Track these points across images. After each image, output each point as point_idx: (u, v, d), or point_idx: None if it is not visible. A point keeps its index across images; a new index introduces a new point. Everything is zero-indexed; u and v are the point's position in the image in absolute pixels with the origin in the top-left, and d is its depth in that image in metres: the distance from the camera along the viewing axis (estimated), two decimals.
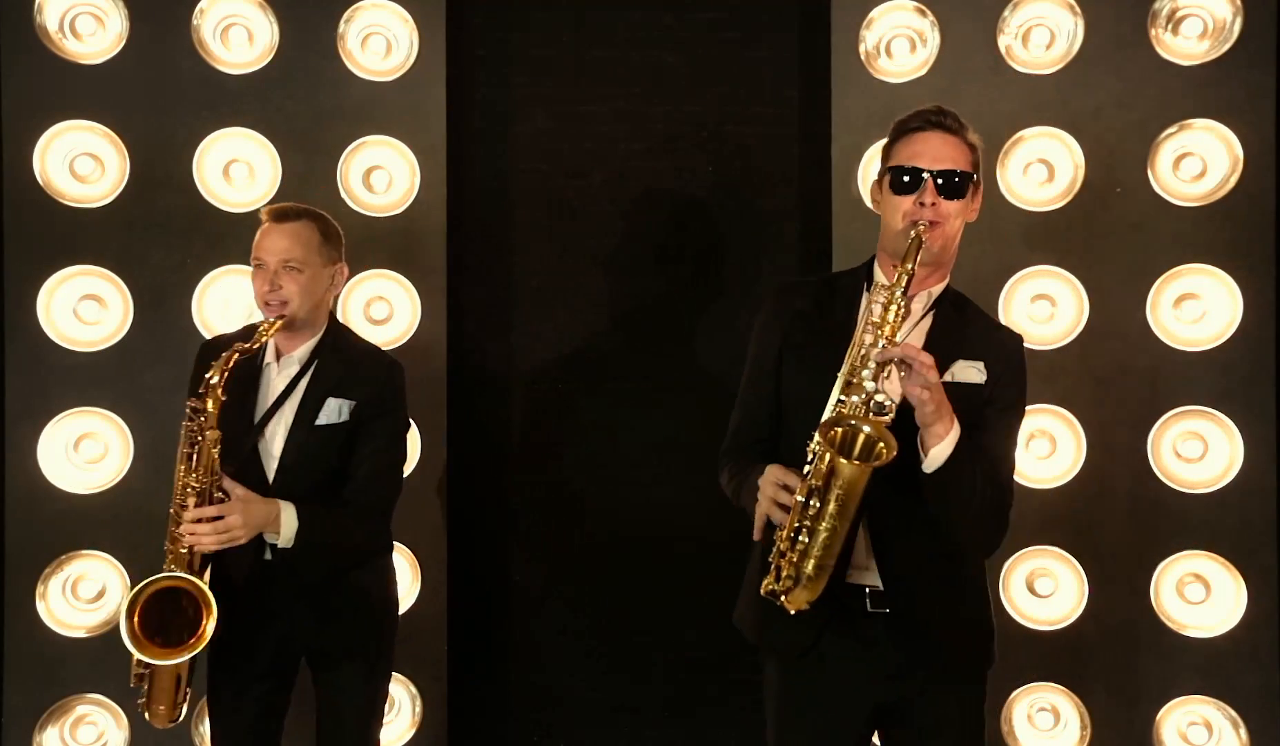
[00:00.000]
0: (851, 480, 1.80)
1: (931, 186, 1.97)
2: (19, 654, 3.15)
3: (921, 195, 1.97)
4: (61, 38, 3.13)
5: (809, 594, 1.88)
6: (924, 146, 2.00)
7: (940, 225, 1.97)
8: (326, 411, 2.39)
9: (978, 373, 2.00)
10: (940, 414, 1.86)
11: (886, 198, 2.03)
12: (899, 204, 1.99)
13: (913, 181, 1.98)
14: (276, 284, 2.37)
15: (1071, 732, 3.09)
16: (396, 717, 3.18)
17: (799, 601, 1.89)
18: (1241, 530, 3.04)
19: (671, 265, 3.37)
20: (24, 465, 3.12)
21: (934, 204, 1.97)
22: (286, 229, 2.41)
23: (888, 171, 2.02)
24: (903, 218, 1.98)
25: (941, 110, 2.03)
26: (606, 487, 3.37)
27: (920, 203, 1.97)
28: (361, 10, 3.15)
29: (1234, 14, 3.01)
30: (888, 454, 1.79)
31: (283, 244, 2.39)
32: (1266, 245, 3.04)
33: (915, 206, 1.97)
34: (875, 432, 1.82)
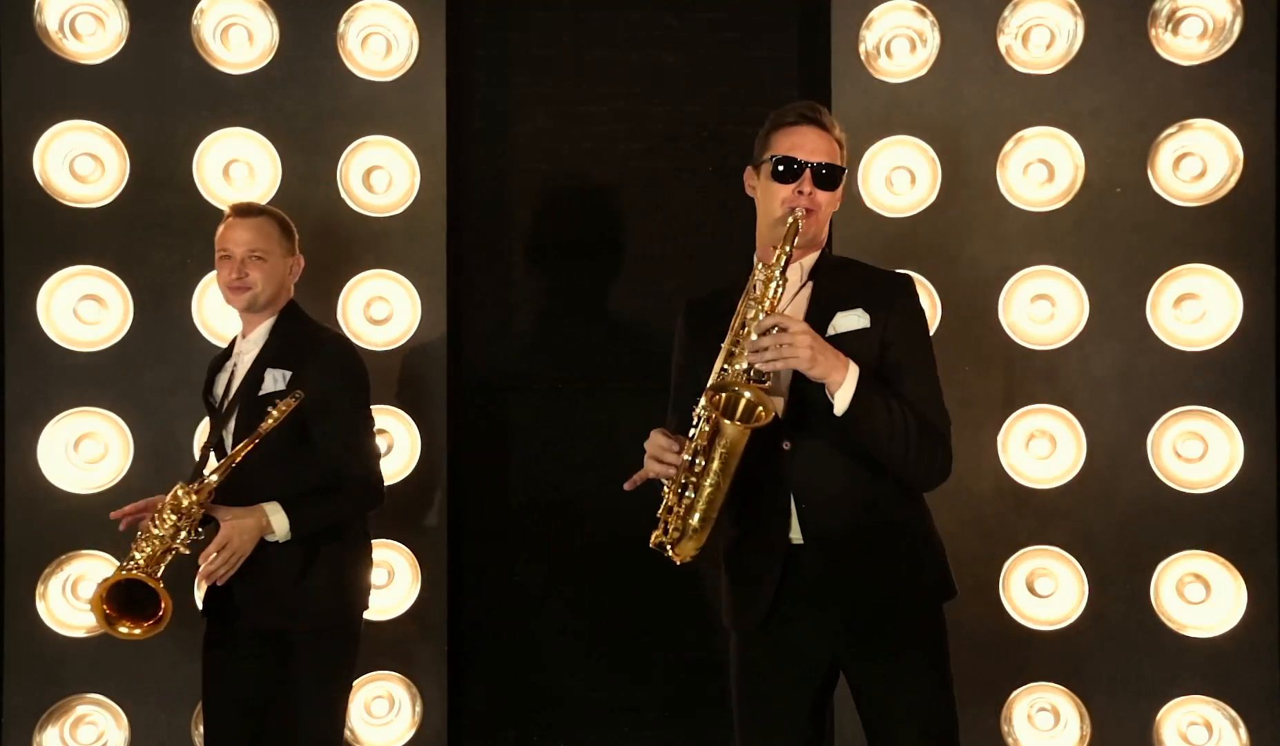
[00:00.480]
0: (734, 440, 1.97)
1: (809, 177, 2.12)
2: (19, 654, 3.15)
3: (800, 184, 2.11)
4: (61, 38, 3.13)
5: (694, 544, 2.05)
6: (802, 140, 2.14)
7: (814, 213, 2.12)
8: (266, 382, 2.52)
9: (858, 318, 2.12)
10: (828, 366, 1.98)
11: (766, 186, 2.17)
12: (778, 192, 2.13)
13: (793, 171, 2.12)
14: (244, 271, 2.55)
15: (1071, 732, 3.09)
16: (396, 717, 3.19)
17: (686, 552, 2.06)
18: (1241, 530, 3.04)
19: (671, 265, 3.37)
20: (24, 465, 3.12)
21: (811, 193, 2.11)
22: (250, 223, 2.59)
23: (767, 161, 2.15)
24: (781, 204, 2.12)
25: (816, 107, 2.19)
26: (606, 487, 3.36)
27: (799, 191, 2.11)
28: (361, 10, 3.15)
29: (1234, 14, 3.02)
30: (766, 416, 1.95)
31: (247, 236, 2.57)
32: (1266, 245, 3.04)
33: (794, 194, 2.11)
34: (755, 397, 1.97)
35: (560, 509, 3.38)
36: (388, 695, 3.18)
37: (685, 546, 2.05)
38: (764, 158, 2.17)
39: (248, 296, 2.57)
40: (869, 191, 3.12)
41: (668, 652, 3.37)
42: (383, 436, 3.11)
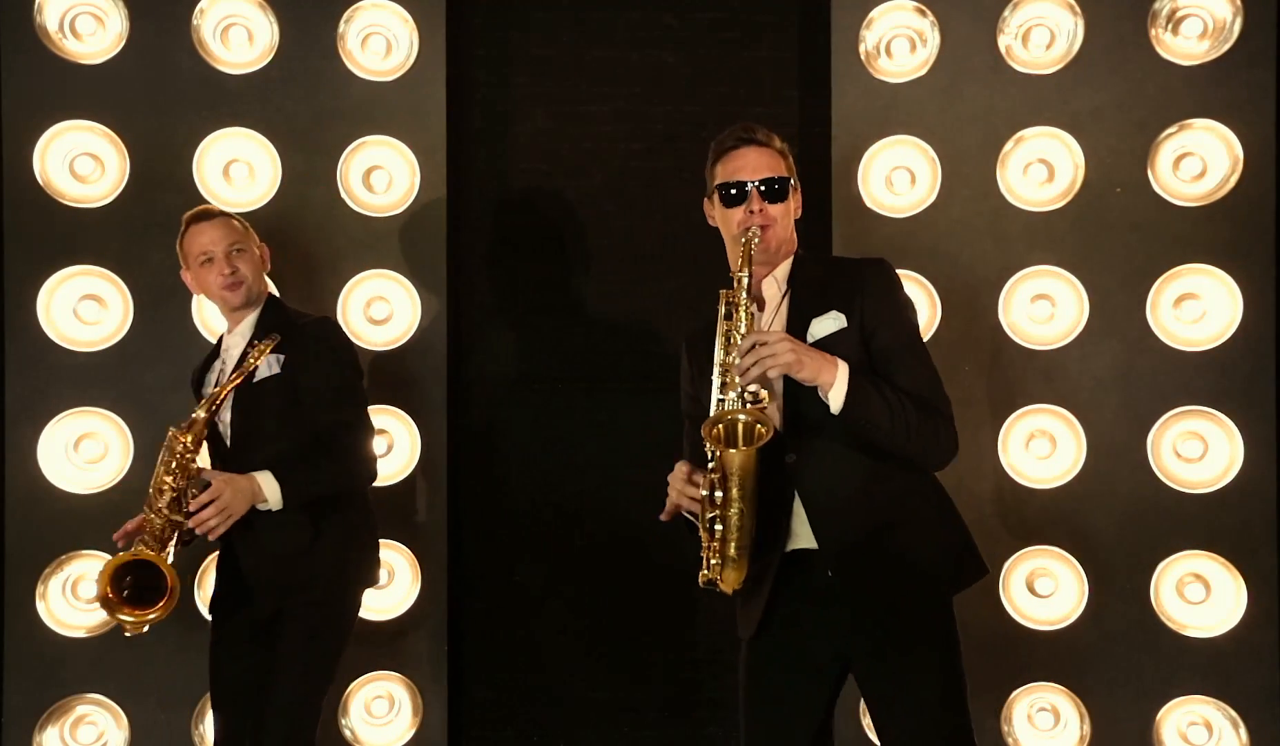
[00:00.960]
0: (742, 465, 2.01)
1: (756, 195, 2.19)
2: (19, 654, 3.15)
3: (749, 204, 2.19)
4: (61, 38, 3.13)
5: (738, 573, 2.07)
6: (743, 161, 2.22)
7: (770, 227, 2.18)
8: (261, 367, 2.54)
9: (834, 321, 2.15)
10: (816, 368, 2.01)
11: (720, 213, 2.26)
12: (731, 216, 2.21)
13: (739, 194, 2.20)
14: (233, 266, 2.59)
15: (1071, 732, 3.09)
16: (396, 717, 3.19)
17: (731, 582, 2.08)
18: (1241, 530, 3.04)
19: (671, 265, 3.37)
20: (24, 465, 3.12)
21: (761, 210, 2.18)
22: (217, 222, 2.63)
23: (716, 189, 2.24)
24: (737, 226, 2.19)
25: (750, 127, 2.26)
26: (606, 487, 3.37)
27: (749, 211, 2.18)
28: (361, 10, 3.15)
29: (1234, 14, 3.01)
30: (766, 432, 1.99)
31: (220, 233, 2.61)
32: (1266, 245, 3.04)
33: (746, 215, 2.18)
34: (750, 418, 2.01)
35: (560, 509, 3.38)
36: (388, 695, 3.18)
37: (729, 576, 2.07)
38: (713, 187, 2.26)
39: (243, 290, 2.60)
40: (869, 191, 3.12)
41: (668, 652, 3.37)
42: (382, 436, 3.11)
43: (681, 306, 3.37)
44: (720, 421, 2.03)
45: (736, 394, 2.05)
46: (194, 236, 2.62)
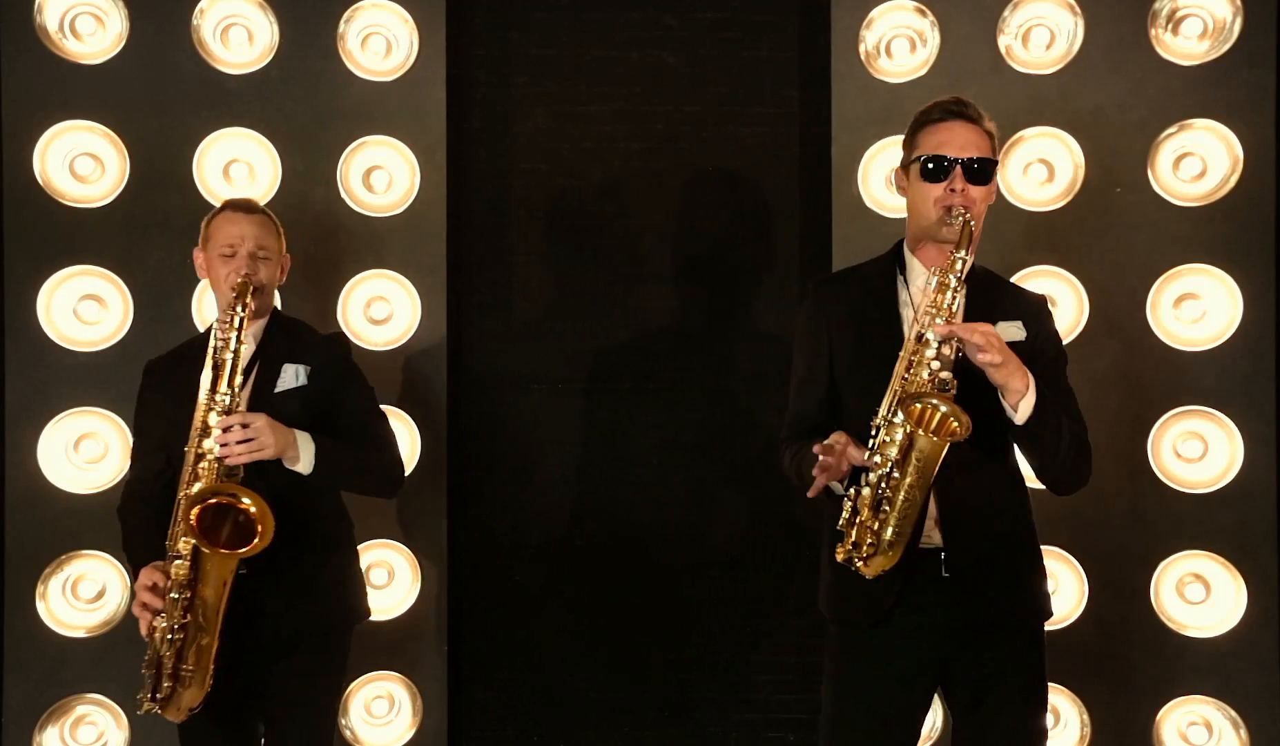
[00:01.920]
0: (931, 454, 1.92)
1: (960, 173, 2.07)
2: (19, 654, 3.15)
3: (951, 182, 2.07)
4: (61, 38, 3.13)
5: (886, 561, 1.99)
6: (950, 135, 2.10)
7: (970, 210, 2.06)
8: (284, 378, 2.44)
9: (1018, 330, 2.12)
10: (1013, 372, 1.97)
11: (916, 186, 2.12)
12: (929, 191, 2.09)
13: (943, 169, 2.07)
14: (253, 268, 2.43)
15: (1071, 732, 3.09)
16: (396, 717, 3.19)
17: (877, 567, 2.00)
18: (1241, 530, 3.04)
19: (671, 265, 3.37)
20: (24, 465, 3.12)
21: (964, 190, 2.07)
22: (256, 220, 2.48)
23: (916, 160, 2.11)
24: (934, 205, 2.07)
25: (962, 101, 2.15)
26: (606, 487, 3.37)
27: (950, 189, 2.06)
28: (361, 10, 3.15)
29: (1234, 14, 3.01)
30: (963, 431, 1.90)
31: (254, 232, 2.46)
32: (1266, 245, 3.04)
33: (947, 192, 2.06)
34: (951, 410, 1.92)
35: (560, 509, 3.38)
36: (388, 695, 3.18)
37: (877, 562, 2.00)
38: (912, 157, 2.14)
39: (256, 298, 2.43)
40: (869, 191, 3.12)
41: (668, 653, 3.37)
42: None
43: (682, 306, 3.37)
44: (920, 400, 1.94)
45: (926, 376, 1.96)
46: (226, 223, 2.46)
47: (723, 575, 3.35)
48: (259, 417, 2.29)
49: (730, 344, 3.34)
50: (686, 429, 3.36)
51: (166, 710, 2.35)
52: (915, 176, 2.12)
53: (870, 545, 1.98)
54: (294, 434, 2.34)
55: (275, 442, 2.29)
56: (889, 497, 1.95)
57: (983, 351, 1.93)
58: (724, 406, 3.34)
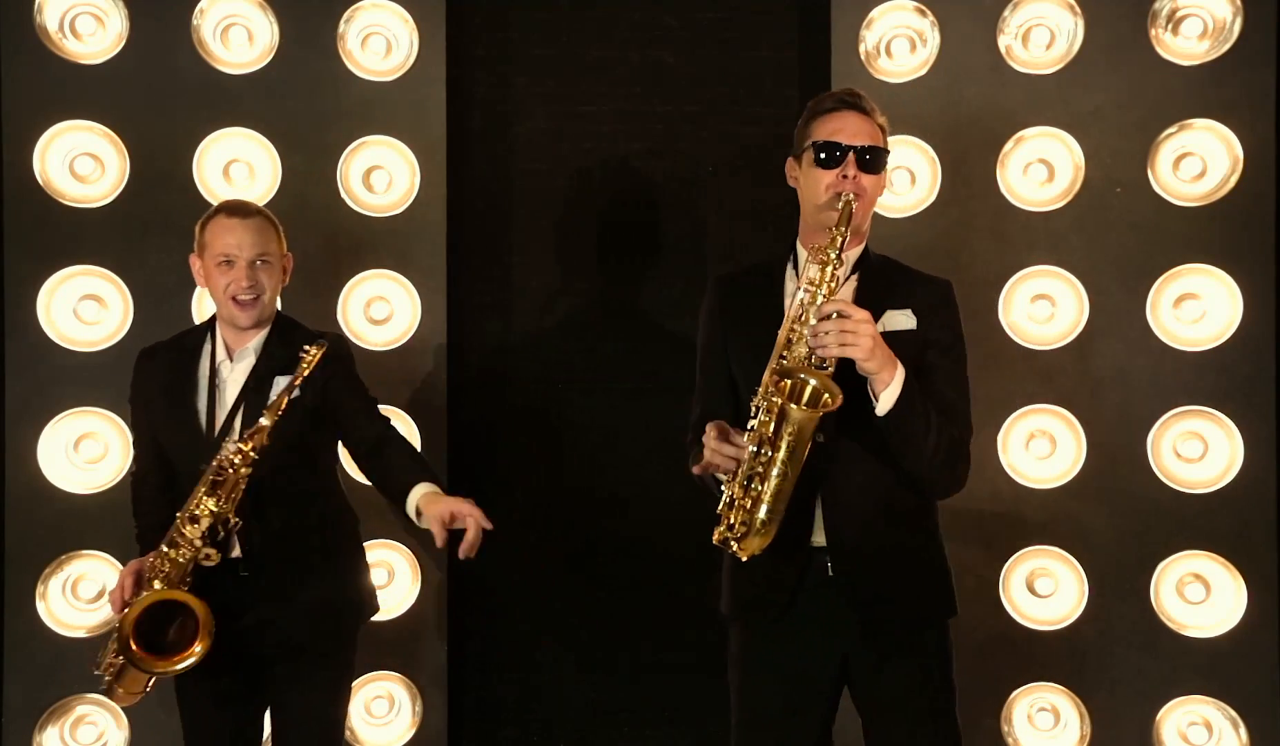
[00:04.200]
0: (802, 425, 1.91)
1: (853, 161, 2.09)
2: (19, 654, 3.15)
3: (844, 168, 2.08)
4: (61, 38, 3.13)
5: (761, 540, 1.98)
6: (843, 124, 2.11)
7: (861, 197, 2.08)
8: (275, 390, 2.35)
9: (906, 319, 2.11)
10: (882, 361, 1.96)
11: (809, 173, 2.14)
12: (821, 177, 2.11)
13: (835, 156, 2.09)
14: (254, 279, 2.36)
15: (1071, 732, 3.09)
16: (396, 717, 3.19)
17: (751, 548, 1.99)
18: (1241, 530, 3.04)
19: (671, 265, 3.37)
20: (24, 465, 3.12)
21: (855, 177, 2.08)
22: (253, 225, 2.39)
23: (810, 147, 2.13)
24: (825, 190, 2.09)
25: (855, 92, 2.17)
26: (606, 487, 3.37)
27: (843, 175, 2.08)
28: (361, 10, 3.15)
29: (1234, 14, 3.01)
30: (834, 401, 1.90)
31: (253, 239, 2.38)
32: (1266, 245, 3.04)
33: (838, 179, 2.08)
34: (821, 384, 1.92)
35: (560, 509, 3.38)
36: (388, 695, 3.18)
37: (751, 542, 1.98)
38: (805, 145, 2.14)
39: (255, 312, 2.39)
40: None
41: (668, 653, 3.37)
42: None
43: (681, 306, 3.37)
44: (791, 374, 1.93)
45: (804, 354, 1.97)
46: (221, 230, 2.37)
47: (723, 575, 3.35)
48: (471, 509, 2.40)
49: None
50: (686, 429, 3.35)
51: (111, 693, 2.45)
52: (808, 164, 2.13)
53: (743, 525, 1.97)
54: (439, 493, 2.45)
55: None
56: (760, 474, 1.95)
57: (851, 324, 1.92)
58: None
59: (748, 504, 1.97)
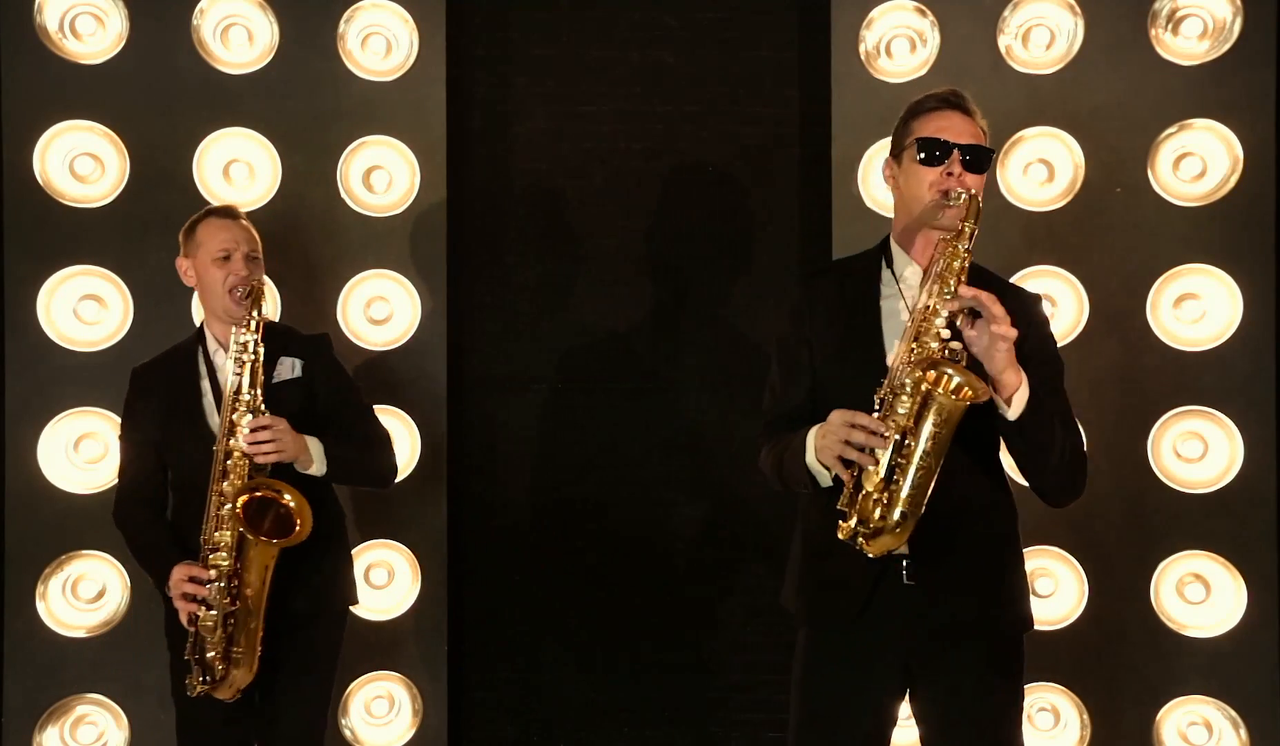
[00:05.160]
0: (950, 415, 1.83)
1: (958, 159, 2.02)
2: (19, 654, 3.15)
3: (949, 166, 2.02)
4: (61, 38, 3.13)
5: (894, 539, 1.88)
6: (947, 123, 2.06)
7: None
8: (280, 370, 2.53)
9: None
10: (1009, 362, 1.90)
11: (911, 171, 2.07)
12: (925, 176, 2.04)
13: (941, 154, 2.03)
14: (249, 270, 2.51)
15: (1071, 732, 3.09)
16: (396, 717, 3.19)
17: (882, 546, 1.89)
18: (1241, 530, 3.04)
19: (671, 265, 3.37)
20: (24, 465, 3.12)
21: (960, 175, 2.02)
22: (243, 224, 2.57)
23: (914, 144, 2.06)
24: (929, 189, 2.03)
25: (959, 93, 2.10)
26: (606, 488, 3.37)
27: (948, 174, 2.02)
28: (361, 10, 3.15)
29: (1234, 14, 3.01)
30: (981, 395, 1.84)
31: (245, 236, 2.55)
32: (1266, 245, 3.04)
33: (943, 177, 2.02)
34: (966, 378, 1.85)
35: (560, 509, 3.38)
36: (388, 695, 3.18)
37: (884, 540, 1.88)
38: (906, 143, 2.10)
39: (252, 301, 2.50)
40: (869, 191, 3.12)
41: (667, 653, 3.37)
42: None
43: (682, 306, 3.37)
44: (938, 366, 1.85)
45: (937, 347, 1.90)
46: (215, 229, 2.53)
47: (723, 574, 3.35)
48: (281, 421, 2.41)
49: (730, 344, 3.34)
50: (686, 429, 3.36)
51: (218, 690, 2.44)
52: (909, 161, 2.07)
53: (880, 520, 1.87)
54: (304, 440, 2.45)
55: (294, 447, 2.42)
56: (901, 466, 1.86)
57: (997, 323, 1.87)
58: (723, 406, 3.34)
59: (885, 499, 1.87)
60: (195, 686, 2.43)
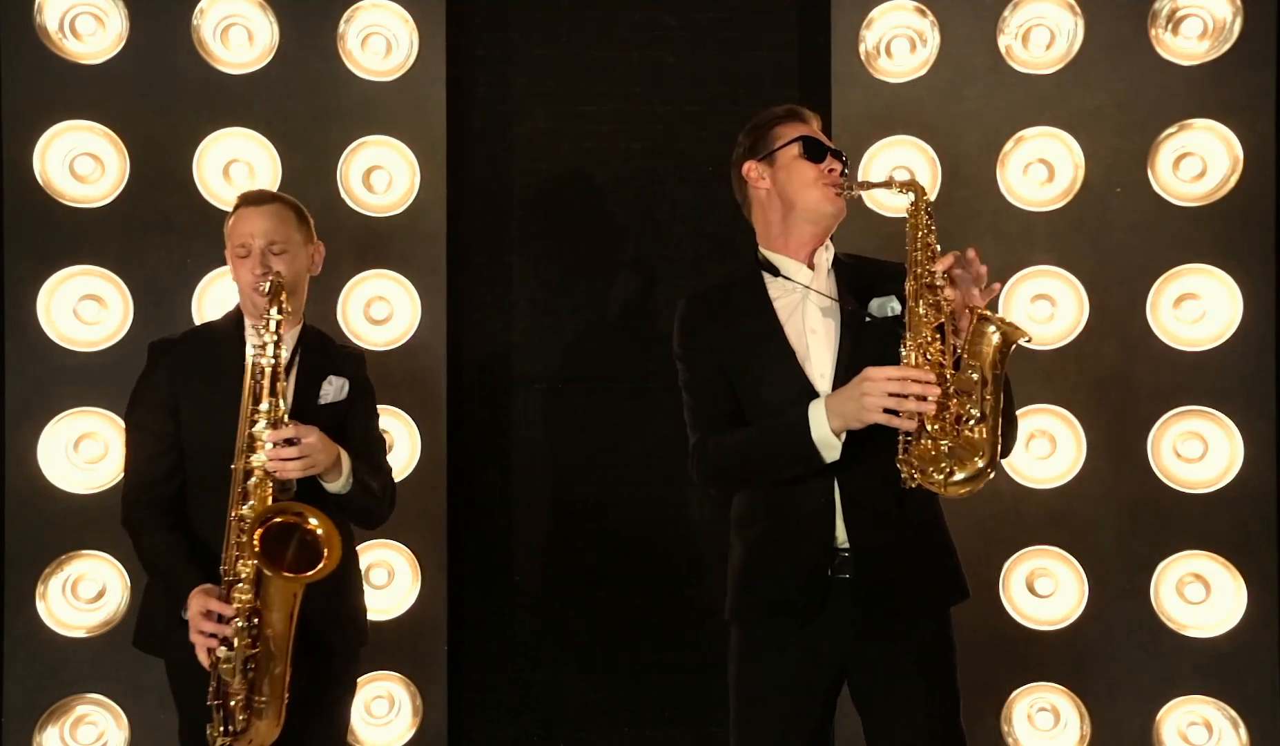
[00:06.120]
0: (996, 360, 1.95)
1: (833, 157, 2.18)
2: (19, 654, 3.14)
3: (829, 163, 2.18)
4: (61, 38, 3.13)
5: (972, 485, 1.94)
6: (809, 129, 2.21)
7: None
8: (327, 391, 2.36)
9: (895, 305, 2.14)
10: None
11: (794, 169, 2.17)
12: (808, 170, 2.16)
13: (821, 151, 2.17)
14: (267, 267, 2.27)
15: (1071, 732, 3.09)
16: (396, 717, 3.19)
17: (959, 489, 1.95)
18: (1241, 530, 3.04)
19: (671, 265, 3.37)
20: (24, 465, 3.12)
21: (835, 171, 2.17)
22: (266, 211, 2.33)
23: (785, 145, 2.17)
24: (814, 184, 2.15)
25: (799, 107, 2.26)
26: (606, 487, 3.37)
27: (829, 169, 2.16)
28: (361, 10, 3.15)
29: (1234, 14, 3.02)
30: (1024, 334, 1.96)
31: (266, 225, 2.31)
32: (1266, 245, 3.04)
33: (825, 172, 2.15)
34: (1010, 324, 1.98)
35: (560, 508, 3.38)
36: (388, 695, 3.18)
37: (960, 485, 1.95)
38: (777, 145, 2.18)
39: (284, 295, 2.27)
40: (869, 191, 3.12)
41: (667, 653, 3.37)
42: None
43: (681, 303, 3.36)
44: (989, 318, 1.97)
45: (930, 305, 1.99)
46: (238, 221, 2.33)
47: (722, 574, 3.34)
48: (312, 431, 2.18)
49: None
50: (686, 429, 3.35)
51: (239, 743, 2.17)
52: (789, 160, 2.16)
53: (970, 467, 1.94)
54: (338, 450, 2.24)
55: (325, 459, 2.19)
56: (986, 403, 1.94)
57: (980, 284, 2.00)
58: None
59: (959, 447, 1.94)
60: (216, 738, 2.16)
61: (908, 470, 1.97)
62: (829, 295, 2.16)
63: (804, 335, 2.14)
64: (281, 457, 2.14)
